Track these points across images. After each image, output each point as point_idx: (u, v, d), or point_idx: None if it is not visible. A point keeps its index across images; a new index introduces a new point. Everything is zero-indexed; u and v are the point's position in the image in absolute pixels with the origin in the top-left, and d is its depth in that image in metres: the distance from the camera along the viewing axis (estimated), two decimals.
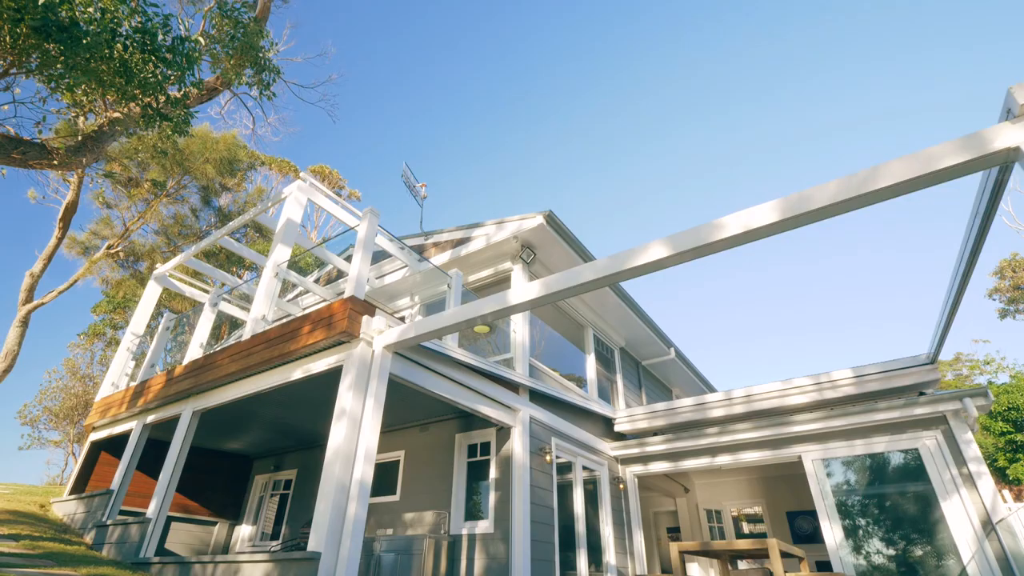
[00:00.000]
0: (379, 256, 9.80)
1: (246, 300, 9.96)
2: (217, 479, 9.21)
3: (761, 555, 5.82)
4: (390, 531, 7.31)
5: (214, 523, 8.92)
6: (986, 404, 6.35)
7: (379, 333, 5.01)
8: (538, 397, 7.32)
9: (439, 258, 8.86)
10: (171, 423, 6.72)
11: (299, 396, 6.79)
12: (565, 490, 7.40)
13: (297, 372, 5.49)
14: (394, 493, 7.60)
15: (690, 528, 11.56)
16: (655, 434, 8.78)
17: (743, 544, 4.68)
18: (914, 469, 6.65)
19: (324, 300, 9.65)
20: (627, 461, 8.79)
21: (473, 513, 6.75)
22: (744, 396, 7.98)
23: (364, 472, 4.35)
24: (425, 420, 7.86)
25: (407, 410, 7.62)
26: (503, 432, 6.89)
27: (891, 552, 6.52)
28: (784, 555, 4.75)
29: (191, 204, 14.42)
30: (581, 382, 9.31)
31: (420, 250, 9.39)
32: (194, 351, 7.17)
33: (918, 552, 6.33)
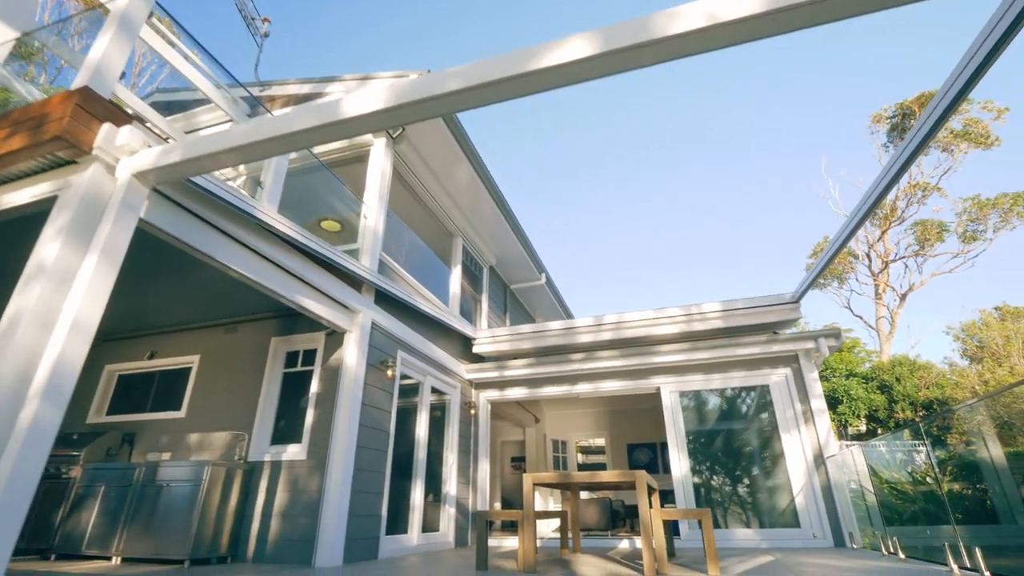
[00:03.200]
0: (190, 104, 7.32)
1: None
2: None
3: (612, 487, 5.34)
4: (168, 455, 5.58)
5: None
6: (837, 344, 6.43)
7: (129, 154, 3.15)
8: (386, 301, 5.93)
9: None
10: None
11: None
12: (407, 413, 6.26)
13: None
14: (179, 409, 5.80)
15: (536, 458, 11.38)
16: (517, 358, 7.99)
17: (609, 476, 3.94)
18: (763, 404, 6.64)
19: None
20: (483, 385, 7.92)
21: (284, 436, 5.30)
22: (614, 323, 7.44)
23: (67, 358, 2.65)
24: (232, 318, 6.05)
25: (206, 303, 5.75)
26: (335, 338, 5.44)
27: (733, 482, 6.53)
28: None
29: None
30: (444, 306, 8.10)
31: (253, 104, 7.13)
32: None
33: (758, 483, 6.38)
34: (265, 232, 4.27)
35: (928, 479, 7.94)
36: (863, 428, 19.70)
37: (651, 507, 3.95)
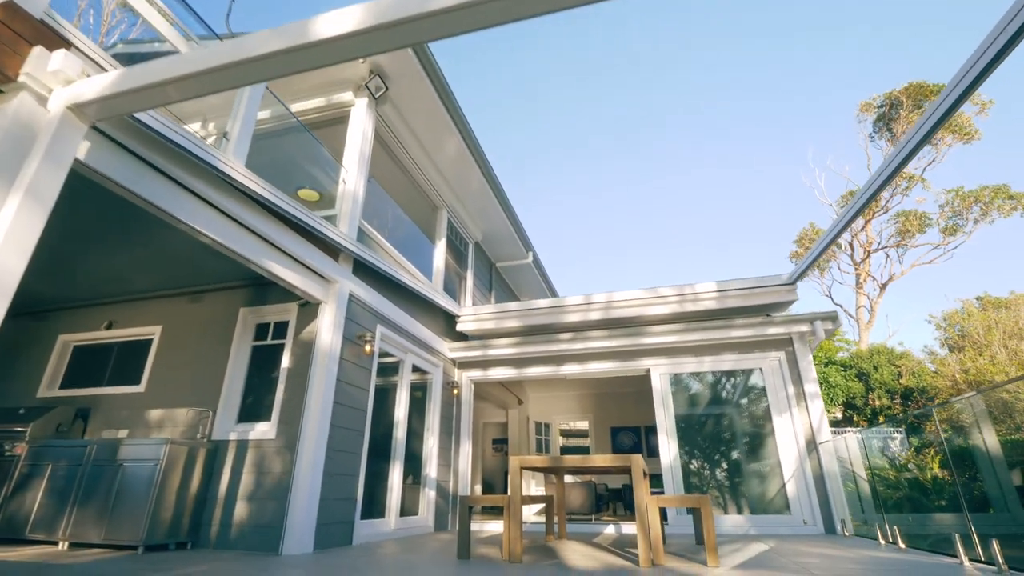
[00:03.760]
0: (156, 57, 6.72)
1: None
2: None
3: (601, 471, 5.11)
4: (125, 432, 5.17)
5: None
6: (833, 327, 6.26)
7: (64, 83, 2.71)
8: (365, 272, 5.55)
9: None
10: None
11: None
12: (386, 391, 5.92)
13: None
14: (138, 383, 5.38)
15: (518, 441, 11.17)
16: (502, 337, 7.68)
17: (603, 460, 3.68)
18: (755, 388, 6.46)
19: None
20: (466, 365, 7.61)
21: (252, 413, 4.93)
22: (604, 302, 7.17)
23: None
24: (198, 287, 5.61)
25: (170, 269, 5.30)
26: (309, 309, 5.05)
27: (722, 468, 6.36)
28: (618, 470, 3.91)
29: None
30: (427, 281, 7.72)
31: None
32: None
33: (748, 468, 6.22)
34: (231, 189, 3.84)
35: (911, 467, 7.90)
36: (839, 415, 19.96)
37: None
